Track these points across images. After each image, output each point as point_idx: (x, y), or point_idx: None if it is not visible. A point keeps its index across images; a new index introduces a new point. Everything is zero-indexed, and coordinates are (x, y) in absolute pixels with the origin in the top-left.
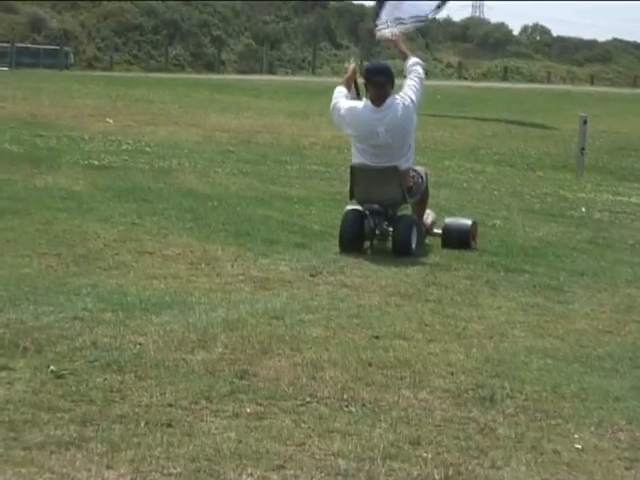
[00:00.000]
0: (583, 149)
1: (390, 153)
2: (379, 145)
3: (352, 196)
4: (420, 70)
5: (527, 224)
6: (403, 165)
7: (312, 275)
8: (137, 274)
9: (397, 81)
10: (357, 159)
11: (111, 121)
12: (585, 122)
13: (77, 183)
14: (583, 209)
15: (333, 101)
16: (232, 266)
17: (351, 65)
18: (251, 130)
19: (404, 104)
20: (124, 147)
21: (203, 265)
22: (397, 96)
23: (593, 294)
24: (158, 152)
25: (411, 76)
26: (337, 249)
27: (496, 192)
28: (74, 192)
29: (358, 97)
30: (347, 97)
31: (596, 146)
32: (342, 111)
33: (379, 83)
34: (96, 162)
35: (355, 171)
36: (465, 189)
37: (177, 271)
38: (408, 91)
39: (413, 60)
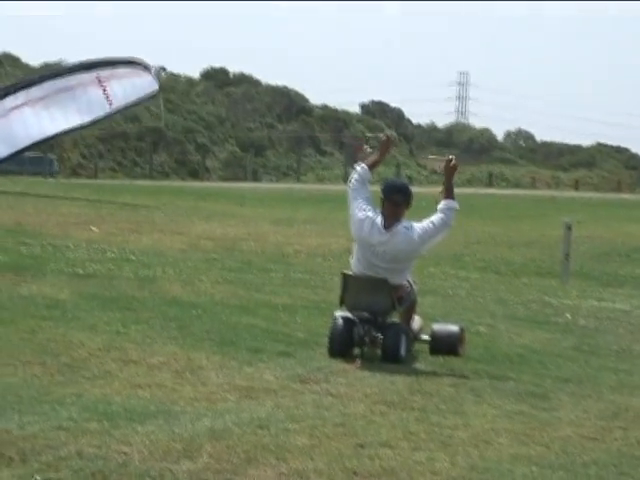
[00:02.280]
0: (567, 255)
1: (384, 272)
2: (374, 263)
3: (342, 302)
4: (451, 219)
5: (512, 331)
6: (396, 280)
7: (301, 382)
8: (122, 383)
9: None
10: (355, 266)
11: (96, 229)
12: (569, 228)
13: (62, 291)
14: (568, 315)
15: (353, 186)
16: (217, 375)
17: (389, 135)
18: (236, 238)
19: (412, 238)
20: (109, 255)
21: (188, 374)
22: (411, 225)
23: (578, 401)
24: (143, 260)
25: (440, 215)
26: (322, 357)
27: (481, 299)
28: (59, 301)
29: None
30: (368, 183)
31: (581, 252)
32: (357, 212)
33: (396, 202)
34: (81, 270)
35: (346, 279)
36: (450, 296)
37: (162, 380)
38: (426, 226)
39: (453, 204)
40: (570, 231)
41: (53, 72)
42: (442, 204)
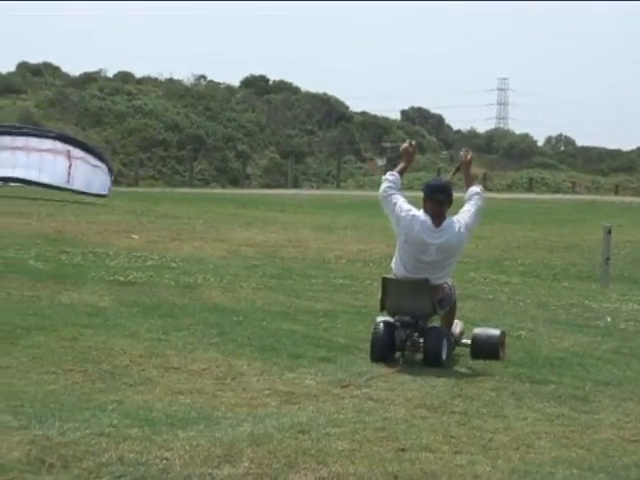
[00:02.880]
0: (608, 259)
1: (431, 269)
2: (424, 261)
3: (383, 307)
4: (480, 200)
5: (552, 335)
6: (438, 280)
7: (343, 387)
8: (163, 390)
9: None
10: (397, 269)
11: (136, 237)
12: (609, 232)
13: (102, 299)
14: (608, 319)
15: (387, 192)
16: (258, 381)
17: (412, 143)
18: (276, 244)
19: (459, 229)
20: (149, 263)
21: (229, 380)
22: (454, 219)
23: (619, 404)
24: (183, 267)
25: (471, 202)
26: (363, 362)
27: (521, 303)
28: (99, 308)
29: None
30: (400, 189)
31: (621, 256)
32: (402, 213)
33: (439, 201)
34: (121, 278)
35: (387, 283)
36: (490, 300)
37: (203, 386)
38: (465, 216)
39: (475, 189)
40: (610, 235)
41: (31, 130)
42: (468, 193)
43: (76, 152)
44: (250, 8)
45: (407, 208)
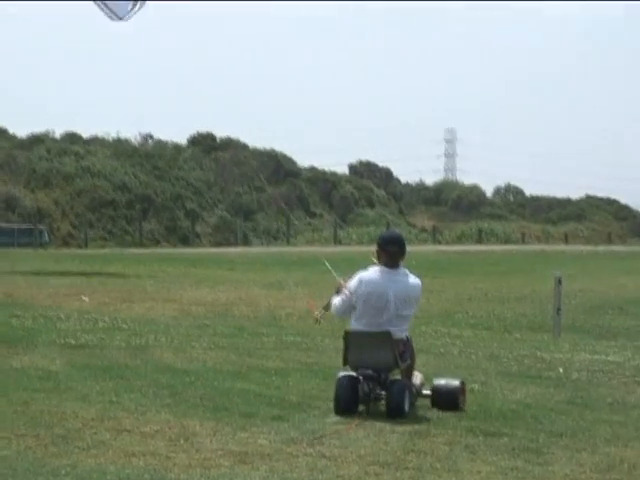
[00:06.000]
0: (559, 309)
1: (390, 321)
2: (382, 308)
3: (345, 362)
4: None
5: (505, 387)
6: (397, 334)
7: (295, 445)
8: (116, 452)
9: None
10: (355, 324)
11: (87, 299)
12: (560, 282)
13: (54, 363)
14: (561, 369)
15: (338, 305)
16: (211, 441)
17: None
18: (227, 303)
19: (415, 278)
20: (100, 325)
21: (182, 441)
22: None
23: (572, 454)
24: (134, 329)
25: None
26: (316, 420)
27: (473, 356)
28: (51, 372)
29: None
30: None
31: (572, 305)
32: (353, 287)
33: (393, 252)
34: (72, 341)
35: (349, 337)
36: (442, 354)
37: (156, 448)
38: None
39: None
40: (561, 285)
41: None
42: None
43: None
44: (193, 64)
45: (354, 282)
